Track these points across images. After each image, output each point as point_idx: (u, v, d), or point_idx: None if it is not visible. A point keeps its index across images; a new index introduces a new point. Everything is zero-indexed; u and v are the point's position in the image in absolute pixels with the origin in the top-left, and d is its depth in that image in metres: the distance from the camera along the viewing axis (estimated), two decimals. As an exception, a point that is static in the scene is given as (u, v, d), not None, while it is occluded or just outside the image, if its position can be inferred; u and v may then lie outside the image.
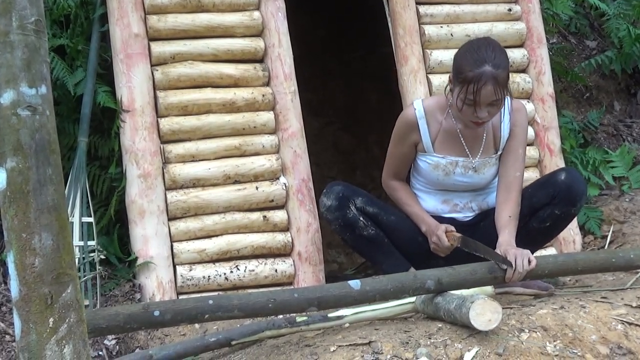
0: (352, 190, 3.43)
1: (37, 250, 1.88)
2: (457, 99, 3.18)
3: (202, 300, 2.57)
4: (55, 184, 1.93)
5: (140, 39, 3.72)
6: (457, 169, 3.39)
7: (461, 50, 3.25)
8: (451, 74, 3.26)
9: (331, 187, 3.42)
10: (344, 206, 3.36)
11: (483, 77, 3.08)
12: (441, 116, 3.38)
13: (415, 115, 3.37)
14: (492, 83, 3.09)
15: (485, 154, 3.39)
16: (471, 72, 3.10)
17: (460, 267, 2.89)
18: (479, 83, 3.08)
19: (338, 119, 5.84)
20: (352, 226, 3.37)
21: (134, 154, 3.64)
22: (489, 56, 3.11)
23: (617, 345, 2.66)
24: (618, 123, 5.06)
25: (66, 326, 1.90)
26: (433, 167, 3.40)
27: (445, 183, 3.42)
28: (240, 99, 3.81)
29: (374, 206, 3.41)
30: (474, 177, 3.40)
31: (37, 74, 1.91)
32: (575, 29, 5.36)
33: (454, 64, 3.24)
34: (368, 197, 3.43)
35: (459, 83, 3.16)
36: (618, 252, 3.22)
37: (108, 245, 3.69)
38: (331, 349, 2.57)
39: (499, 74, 3.10)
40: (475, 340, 2.57)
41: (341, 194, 3.37)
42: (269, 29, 3.91)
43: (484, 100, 3.12)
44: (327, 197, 3.39)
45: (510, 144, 3.38)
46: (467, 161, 3.39)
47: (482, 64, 3.10)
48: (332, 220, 3.39)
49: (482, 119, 3.19)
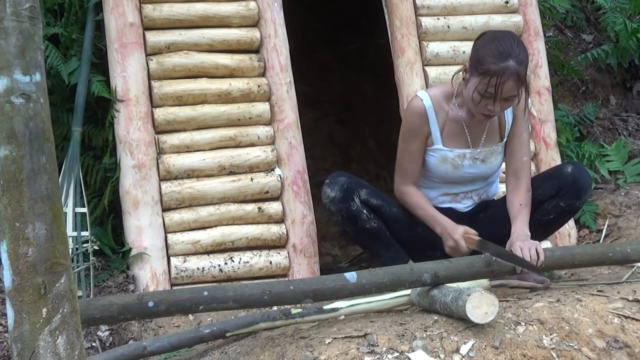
0: (356, 181, 3.37)
1: (31, 239, 1.86)
2: (474, 90, 3.11)
3: (196, 291, 2.55)
4: (49, 172, 1.91)
5: (135, 28, 3.69)
6: (466, 162, 3.34)
7: (484, 40, 3.15)
8: (468, 62, 3.17)
9: (335, 178, 3.34)
10: (349, 198, 3.29)
11: (507, 72, 3.02)
12: (447, 106, 3.32)
13: (423, 105, 3.30)
14: (514, 79, 3.04)
15: (489, 143, 3.35)
16: (495, 65, 3.03)
17: (457, 260, 2.88)
18: (502, 77, 3.02)
19: (333, 111, 5.82)
20: (355, 219, 3.31)
21: (128, 144, 3.62)
22: (514, 51, 3.05)
23: (614, 338, 2.65)
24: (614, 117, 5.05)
25: (60, 316, 1.88)
26: (441, 160, 3.34)
27: (453, 177, 3.37)
28: (236, 89, 3.79)
29: (377, 198, 3.36)
30: (482, 167, 3.37)
31: (31, 61, 1.89)
32: (571, 23, 5.34)
33: (474, 53, 3.14)
34: (371, 189, 3.38)
35: (479, 74, 3.08)
36: (615, 246, 3.21)
37: (102, 235, 3.67)
38: (326, 341, 2.55)
39: (521, 71, 3.05)
40: (471, 333, 2.56)
41: (346, 186, 3.30)
42: (265, 19, 3.89)
43: (504, 95, 3.07)
44: (330, 188, 3.32)
45: (514, 130, 3.35)
46: (473, 152, 3.34)
47: (507, 58, 3.03)
48: (335, 212, 3.33)
49: (494, 113, 3.16)
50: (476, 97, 3.11)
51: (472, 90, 3.11)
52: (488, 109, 3.13)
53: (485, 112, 3.15)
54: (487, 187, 3.47)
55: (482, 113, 3.17)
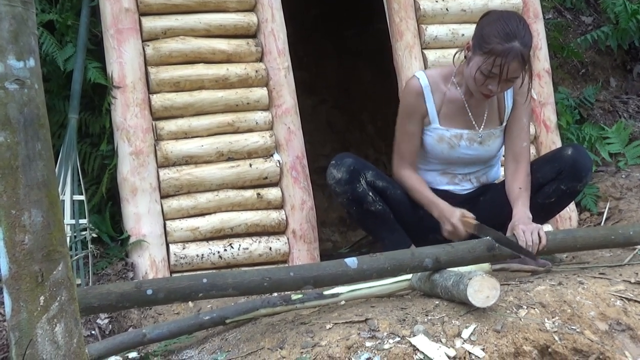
0: (362, 163, 3.35)
1: (27, 227, 1.85)
2: (477, 70, 3.09)
3: (196, 278, 2.53)
4: (45, 159, 1.89)
5: (131, 14, 3.66)
6: (462, 142, 3.33)
7: (489, 19, 3.12)
8: (471, 40, 3.15)
9: (341, 159, 3.32)
10: (355, 180, 3.27)
11: (512, 53, 3.01)
12: (445, 87, 3.31)
13: (420, 84, 3.30)
14: (518, 60, 3.03)
15: (489, 126, 3.34)
16: (500, 45, 3.02)
17: (459, 245, 2.86)
18: (506, 58, 3.01)
19: (332, 97, 5.79)
20: (361, 201, 3.29)
21: (126, 131, 3.59)
22: (519, 32, 3.04)
23: (616, 321, 2.64)
24: (614, 99, 5.02)
25: (57, 304, 1.87)
26: (437, 140, 3.33)
27: (450, 157, 3.36)
28: (233, 74, 3.76)
29: (382, 180, 3.34)
30: (479, 149, 3.36)
31: (25, 47, 1.86)
32: (570, 5, 5.30)
33: (479, 31, 3.12)
34: (377, 171, 3.35)
35: (483, 53, 3.06)
36: (617, 228, 3.19)
37: (100, 223, 3.65)
38: (327, 327, 2.54)
39: (525, 52, 3.04)
40: (473, 317, 2.54)
41: (352, 167, 3.27)
42: (262, 3, 3.85)
43: (507, 77, 3.06)
44: (337, 170, 3.29)
45: (514, 114, 3.34)
46: (472, 133, 3.33)
47: (513, 39, 3.02)
48: (340, 194, 3.30)
49: (494, 93, 3.14)
50: (479, 76, 3.09)
51: (475, 69, 3.10)
52: (489, 89, 3.11)
53: (486, 91, 3.13)
54: (487, 170, 3.45)
55: (482, 92, 3.15)
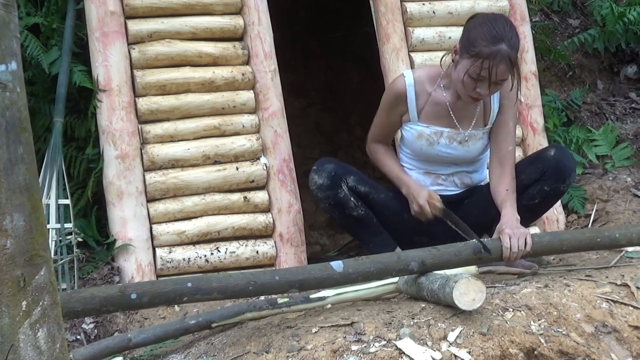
0: (344, 168, 3.37)
1: (9, 231, 1.82)
2: (465, 73, 3.09)
3: (180, 282, 2.52)
4: (27, 163, 1.87)
5: (116, 17, 3.64)
6: (442, 140, 3.33)
7: (476, 22, 3.12)
8: (458, 44, 3.15)
9: (322, 165, 3.35)
10: (336, 185, 3.30)
11: (499, 55, 3.01)
12: (430, 88, 3.32)
13: (404, 84, 3.31)
14: (506, 63, 3.03)
15: (472, 127, 3.34)
16: (487, 48, 3.02)
17: (445, 248, 2.85)
18: (494, 61, 3.01)
19: (320, 99, 5.79)
20: (342, 206, 3.32)
21: (111, 134, 3.58)
22: (506, 34, 3.04)
23: (602, 323, 2.64)
24: (601, 101, 5.03)
25: (40, 309, 1.85)
26: (416, 136, 3.34)
27: (428, 153, 3.36)
28: (220, 77, 3.75)
29: (365, 185, 3.37)
30: (459, 149, 3.36)
31: (6, 50, 1.84)
32: (557, 7, 5.31)
33: (465, 34, 3.12)
34: (359, 176, 3.38)
35: (470, 56, 3.06)
36: (604, 231, 3.20)
37: (86, 227, 3.63)
38: (313, 330, 2.53)
39: (512, 55, 3.05)
40: (459, 320, 2.54)
41: (333, 173, 3.31)
42: (249, 6, 3.84)
43: (494, 79, 3.06)
44: (318, 175, 3.32)
45: (500, 118, 3.34)
46: (452, 132, 3.33)
47: (500, 42, 3.02)
48: (322, 199, 3.34)
49: (482, 96, 3.15)
50: (467, 80, 3.09)
51: (463, 73, 3.10)
52: (477, 92, 3.11)
53: (474, 95, 3.13)
54: (471, 172, 3.45)
55: (470, 95, 3.15)
